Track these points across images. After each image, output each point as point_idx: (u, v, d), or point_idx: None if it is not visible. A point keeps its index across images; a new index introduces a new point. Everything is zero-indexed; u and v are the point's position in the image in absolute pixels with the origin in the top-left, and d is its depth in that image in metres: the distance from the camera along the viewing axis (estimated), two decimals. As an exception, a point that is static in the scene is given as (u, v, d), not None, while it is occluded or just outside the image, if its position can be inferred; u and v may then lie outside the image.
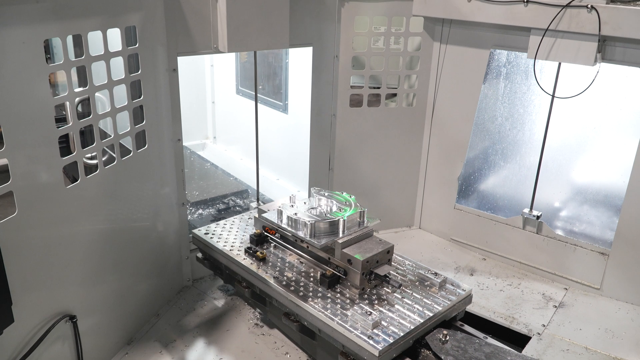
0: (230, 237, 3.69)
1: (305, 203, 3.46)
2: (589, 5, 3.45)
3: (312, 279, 3.20)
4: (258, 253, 3.40)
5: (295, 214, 3.25)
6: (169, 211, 3.80)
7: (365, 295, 3.06)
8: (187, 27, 3.51)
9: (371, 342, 2.68)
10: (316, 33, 4.17)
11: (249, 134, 5.74)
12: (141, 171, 3.43)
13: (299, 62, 4.67)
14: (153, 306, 3.78)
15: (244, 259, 3.42)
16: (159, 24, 3.35)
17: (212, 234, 3.72)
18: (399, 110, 4.67)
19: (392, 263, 3.33)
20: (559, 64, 3.88)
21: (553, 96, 3.94)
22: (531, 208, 4.29)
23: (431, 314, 2.93)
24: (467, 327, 3.15)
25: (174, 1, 3.39)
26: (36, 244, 2.65)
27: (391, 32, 4.38)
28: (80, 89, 2.87)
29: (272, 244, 3.56)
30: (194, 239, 3.81)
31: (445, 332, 2.93)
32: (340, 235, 3.14)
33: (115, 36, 3.00)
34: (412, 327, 2.82)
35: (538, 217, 4.24)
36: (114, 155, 3.18)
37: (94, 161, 3.08)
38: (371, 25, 4.31)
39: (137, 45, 3.17)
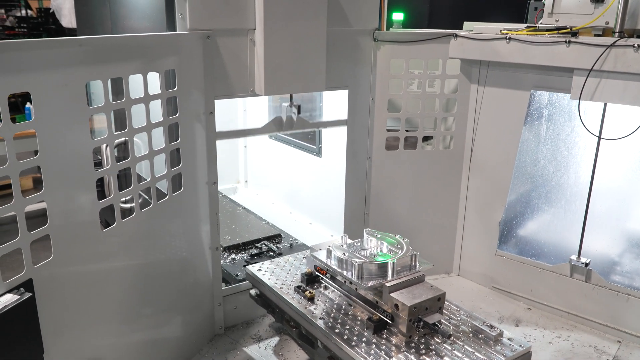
0: (282, 275, 3.64)
1: (356, 244, 3.40)
2: (636, 44, 3.35)
3: (358, 323, 3.09)
4: (307, 292, 3.33)
5: (344, 254, 3.19)
6: (202, 256, 3.71)
7: (413, 344, 2.89)
8: (225, 70, 3.51)
9: (414, 394, 2.50)
10: (352, 76, 4.14)
11: (281, 178, 5.72)
12: (176, 215, 3.37)
13: (333, 105, 4.63)
14: (184, 355, 3.64)
15: (292, 297, 3.36)
16: (198, 67, 3.35)
17: (265, 271, 3.67)
18: (436, 154, 4.56)
19: (445, 312, 3.16)
20: (605, 104, 3.75)
21: (600, 138, 3.80)
22: (579, 255, 4.07)
23: None
24: None
25: (213, 45, 3.41)
26: (70, 289, 2.58)
27: (427, 75, 4.33)
28: (119, 132, 2.86)
29: (322, 284, 3.49)
30: (246, 274, 3.77)
31: None
32: (389, 278, 3.03)
33: (152, 79, 3.00)
34: (460, 383, 2.63)
35: (587, 265, 4.01)
36: (147, 198, 3.13)
37: (128, 205, 3.04)
38: (407, 68, 4.27)
39: (175, 89, 3.17)
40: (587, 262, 4.02)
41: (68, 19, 7.63)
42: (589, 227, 4.02)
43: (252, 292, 3.78)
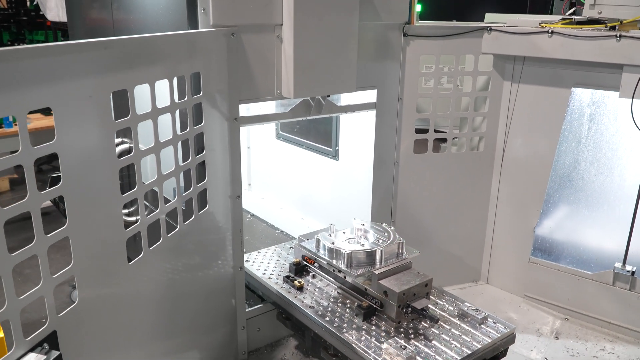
0: (270, 265, 3.64)
1: (344, 233, 3.39)
2: (699, 39, 3.10)
3: (348, 310, 3.10)
4: (296, 282, 3.34)
5: (333, 243, 3.19)
6: (225, 277, 3.35)
7: (402, 329, 2.91)
8: (250, 71, 3.13)
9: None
10: (381, 74, 3.80)
11: (290, 181, 5.35)
12: (201, 235, 3.00)
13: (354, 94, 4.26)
14: (209, 388, 3.29)
15: (282, 287, 3.36)
16: (222, 69, 2.96)
17: (253, 262, 3.68)
18: (465, 156, 4.26)
19: (432, 297, 3.20)
20: (657, 103, 3.50)
21: (651, 139, 3.56)
22: (624, 262, 3.84)
23: (469, 352, 2.74)
24: None
25: (237, 43, 3.02)
26: (95, 336, 2.19)
27: (459, 72, 4.02)
28: (146, 148, 2.47)
29: (310, 274, 3.47)
30: None
31: None
32: (377, 266, 3.04)
33: (161, 86, 2.59)
34: (449, 365, 2.55)
35: (633, 273, 3.78)
36: (171, 221, 2.75)
37: (133, 218, 2.65)
38: (437, 64, 3.95)
39: (201, 94, 2.78)
40: (633, 270, 3.79)
41: (55, 12, 6.98)
42: (636, 233, 3.79)
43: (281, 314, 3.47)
